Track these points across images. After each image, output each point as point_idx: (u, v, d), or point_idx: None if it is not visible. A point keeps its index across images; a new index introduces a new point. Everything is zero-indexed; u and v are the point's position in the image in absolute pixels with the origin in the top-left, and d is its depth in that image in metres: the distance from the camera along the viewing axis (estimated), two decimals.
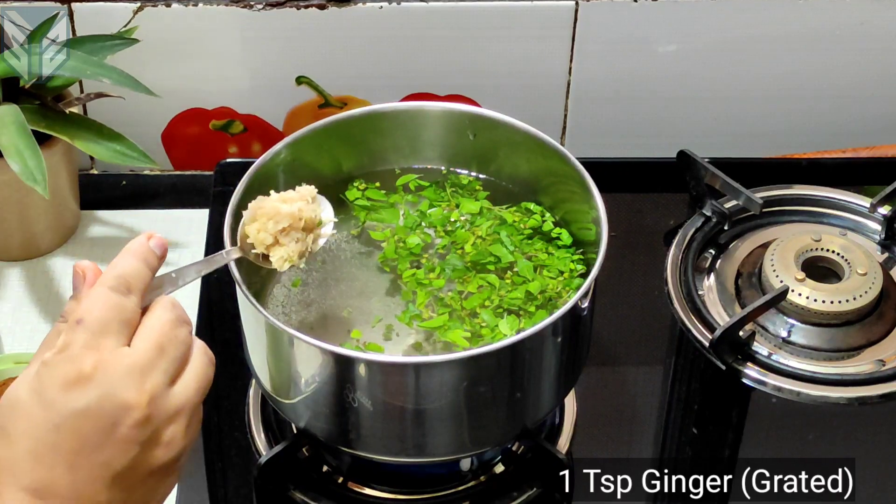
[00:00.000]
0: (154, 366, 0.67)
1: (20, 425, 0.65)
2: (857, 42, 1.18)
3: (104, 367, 0.65)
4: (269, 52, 1.17)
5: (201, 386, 0.69)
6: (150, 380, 0.66)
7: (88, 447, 0.65)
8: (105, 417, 0.65)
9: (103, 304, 0.67)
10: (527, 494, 0.94)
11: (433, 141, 0.99)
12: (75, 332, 0.66)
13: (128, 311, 0.68)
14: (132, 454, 0.66)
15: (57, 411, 0.65)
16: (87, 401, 0.65)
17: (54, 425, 0.64)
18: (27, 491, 0.64)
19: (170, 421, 0.67)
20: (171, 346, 0.68)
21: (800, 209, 1.13)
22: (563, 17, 1.15)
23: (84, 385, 0.65)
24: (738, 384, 1.00)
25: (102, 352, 0.66)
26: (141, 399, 0.66)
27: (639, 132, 1.23)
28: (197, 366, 0.69)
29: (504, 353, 0.83)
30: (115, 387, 0.65)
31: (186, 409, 0.68)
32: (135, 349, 0.67)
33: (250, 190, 0.90)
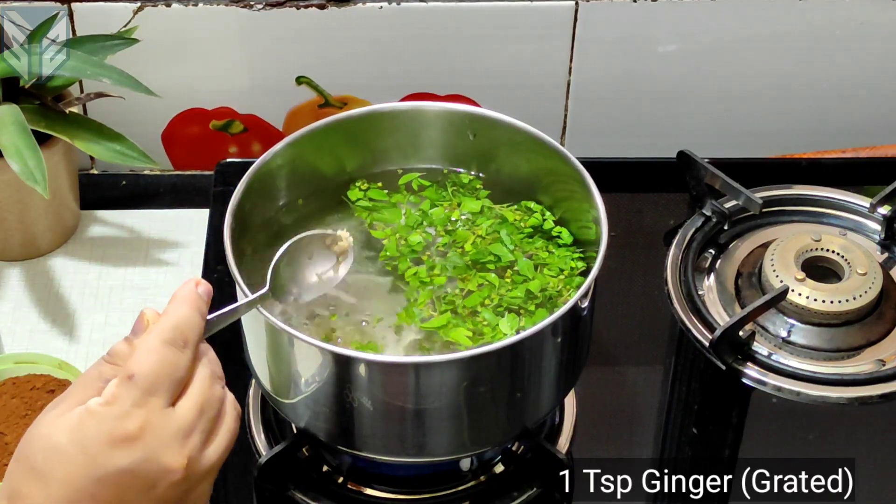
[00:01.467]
0: (194, 428, 0.68)
1: (58, 472, 0.65)
2: (857, 42, 1.18)
3: (151, 430, 0.66)
4: (269, 52, 1.17)
5: (230, 444, 0.71)
6: (190, 442, 0.68)
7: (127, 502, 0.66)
8: (145, 478, 0.66)
9: (157, 362, 0.68)
10: (527, 494, 0.94)
11: (433, 141, 0.99)
12: (126, 387, 0.67)
13: (181, 369, 0.69)
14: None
15: (100, 466, 0.65)
16: (130, 461, 0.66)
17: (96, 478, 0.65)
18: None
19: (201, 480, 0.69)
20: (210, 406, 0.69)
21: (800, 209, 1.13)
22: (563, 17, 1.15)
23: (129, 445, 0.66)
24: (738, 384, 1.00)
25: (150, 412, 0.67)
26: (180, 462, 0.67)
27: (639, 132, 1.23)
28: (228, 424, 0.71)
29: (504, 353, 0.83)
30: (159, 450, 0.66)
31: (216, 468, 0.70)
32: (179, 411, 0.68)
33: (250, 190, 0.91)
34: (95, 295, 1.10)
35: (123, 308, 1.09)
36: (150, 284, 1.11)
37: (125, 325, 1.07)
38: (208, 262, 1.10)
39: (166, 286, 1.11)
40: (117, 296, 1.10)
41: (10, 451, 0.89)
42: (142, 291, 1.10)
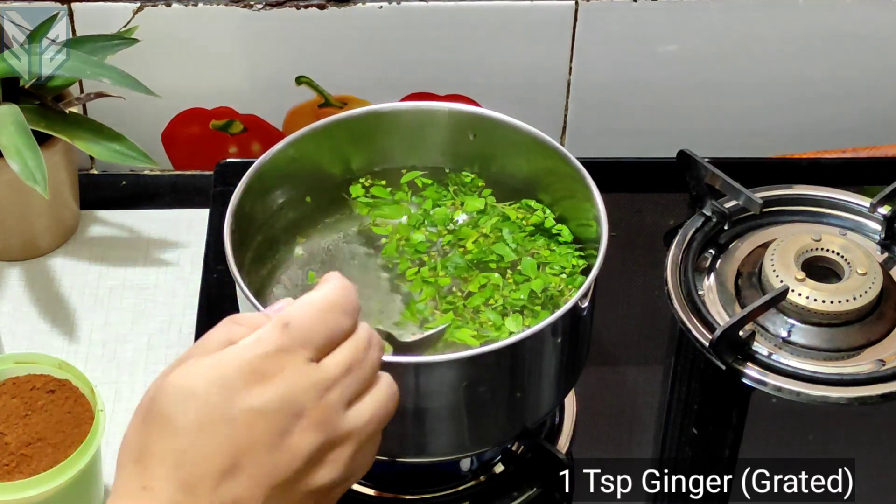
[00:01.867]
0: (337, 383, 0.66)
1: (192, 416, 0.63)
2: (857, 42, 1.18)
3: (290, 374, 0.64)
4: (269, 52, 1.17)
5: (377, 416, 0.68)
6: (330, 396, 0.65)
7: (259, 447, 0.63)
8: (280, 421, 0.63)
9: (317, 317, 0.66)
10: (527, 494, 0.94)
11: (433, 141, 0.99)
12: (278, 332, 0.65)
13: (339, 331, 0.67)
14: (296, 466, 0.64)
15: (237, 404, 0.63)
16: (264, 400, 0.63)
17: (230, 418, 0.63)
18: (182, 485, 0.62)
19: (338, 442, 0.66)
20: (359, 368, 0.67)
21: (800, 209, 1.13)
22: (563, 17, 1.15)
23: (267, 383, 0.63)
24: (738, 384, 1.00)
25: (295, 360, 0.65)
26: (315, 412, 0.64)
27: (639, 132, 1.23)
28: (378, 395, 0.68)
29: (504, 353, 0.83)
30: (296, 394, 0.64)
31: (356, 434, 0.66)
32: (323, 365, 0.66)
33: (250, 190, 0.91)
34: (95, 295, 1.10)
35: (123, 308, 1.09)
36: (150, 284, 1.11)
37: (125, 325, 1.07)
38: (208, 262, 1.10)
39: (166, 286, 1.11)
40: (117, 296, 1.10)
41: (10, 450, 0.89)
42: (142, 291, 1.10)
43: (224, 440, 0.62)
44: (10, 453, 0.89)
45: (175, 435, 0.63)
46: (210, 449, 0.62)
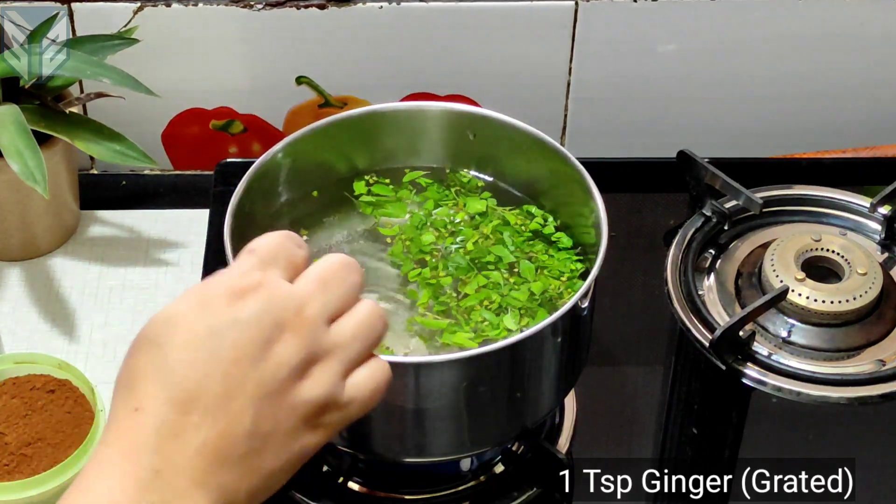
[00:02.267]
0: (314, 298, 0.66)
1: (178, 336, 0.64)
2: (857, 42, 1.18)
3: (268, 286, 0.65)
4: (269, 52, 1.17)
5: (361, 333, 0.67)
6: (309, 309, 0.65)
7: (245, 359, 0.63)
8: (264, 331, 0.63)
9: (276, 242, 0.67)
10: (527, 494, 0.94)
11: (433, 141, 0.99)
12: (245, 257, 0.66)
13: (297, 256, 0.68)
14: (281, 376, 0.63)
15: (219, 319, 0.63)
16: (249, 312, 0.63)
17: (215, 331, 0.63)
18: (172, 403, 0.62)
19: (322, 356, 0.65)
20: (335, 284, 0.67)
21: (800, 209, 1.13)
22: (563, 17, 1.15)
23: (248, 296, 0.64)
24: (738, 384, 1.00)
25: (268, 276, 0.65)
26: (297, 323, 0.64)
27: (639, 132, 1.23)
28: (360, 311, 0.67)
29: (504, 353, 0.83)
30: (276, 305, 0.64)
31: (341, 350, 0.66)
32: (298, 283, 0.66)
33: (250, 190, 0.91)
34: (95, 295, 1.10)
35: (123, 308, 1.09)
36: (150, 284, 1.11)
37: (125, 325, 1.07)
38: (208, 262, 1.10)
39: (166, 286, 1.11)
40: (117, 296, 1.10)
41: (10, 450, 0.89)
42: (142, 291, 1.10)
43: (210, 355, 0.63)
44: (10, 453, 0.89)
45: (162, 356, 0.63)
46: (197, 364, 0.63)
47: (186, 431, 0.62)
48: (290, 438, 0.65)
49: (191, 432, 0.62)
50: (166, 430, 0.62)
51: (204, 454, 0.62)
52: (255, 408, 0.63)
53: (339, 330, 0.66)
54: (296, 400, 0.64)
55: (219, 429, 0.62)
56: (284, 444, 0.64)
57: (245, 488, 0.63)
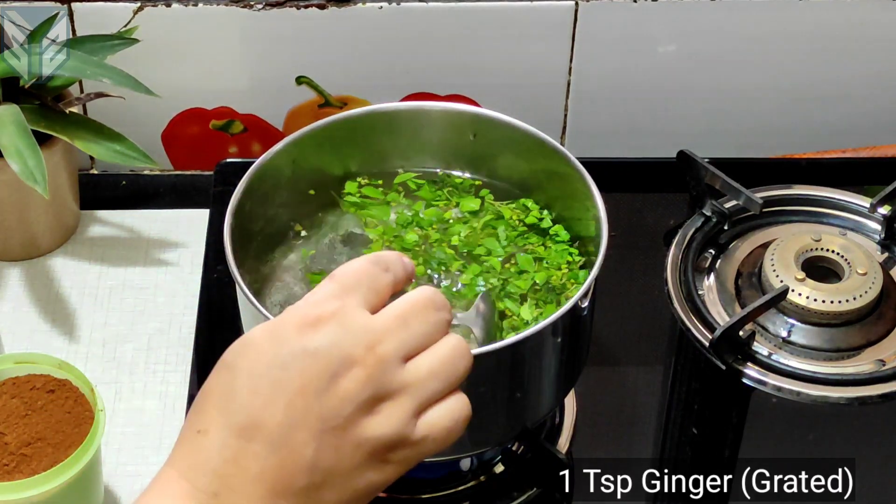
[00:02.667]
0: (391, 334, 0.64)
1: (246, 362, 0.63)
2: (857, 42, 1.18)
3: (342, 317, 0.64)
4: (269, 52, 1.17)
5: (438, 372, 0.65)
6: (383, 345, 0.64)
7: (310, 391, 0.62)
8: (331, 365, 0.63)
9: (359, 268, 0.66)
10: (527, 494, 0.94)
11: (433, 141, 0.99)
12: (326, 284, 0.66)
13: (380, 282, 0.66)
14: (346, 412, 0.63)
15: (288, 348, 0.63)
16: (318, 343, 0.63)
17: (282, 362, 0.63)
18: (234, 429, 0.62)
19: (392, 394, 0.64)
20: (417, 322, 0.65)
21: (800, 209, 1.13)
22: (563, 17, 1.15)
23: (319, 328, 0.63)
24: (738, 384, 1.00)
25: (345, 304, 0.64)
26: (368, 359, 0.63)
27: (639, 132, 1.23)
28: (441, 350, 0.65)
29: (504, 353, 0.83)
30: (347, 339, 0.63)
31: (413, 389, 0.64)
32: (377, 315, 0.65)
33: (250, 190, 0.91)
34: (95, 295, 1.10)
35: (123, 308, 1.09)
36: (150, 284, 1.11)
37: (125, 325, 1.07)
38: (208, 262, 1.10)
39: (166, 286, 1.11)
40: (117, 296, 1.10)
41: (10, 450, 0.89)
42: (142, 291, 1.10)
43: (274, 384, 0.63)
44: (10, 453, 0.89)
45: (230, 381, 0.63)
46: (261, 392, 0.63)
47: (246, 458, 0.62)
48: (354, 474, 0.64)
49: (251, 459, 0.62)
50: (227, 455, 0.62)
51: (263, 482, 0.62)
52: (318, 441, 0.62)
53: (415, 368, 0.65)
54: (361, 437, 0.63)
55: (279, 459, 0.62)
56: (347, 479, 0.64)
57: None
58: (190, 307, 1.08)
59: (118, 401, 1.02)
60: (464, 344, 0.67)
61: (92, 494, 0.92)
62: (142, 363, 1.05)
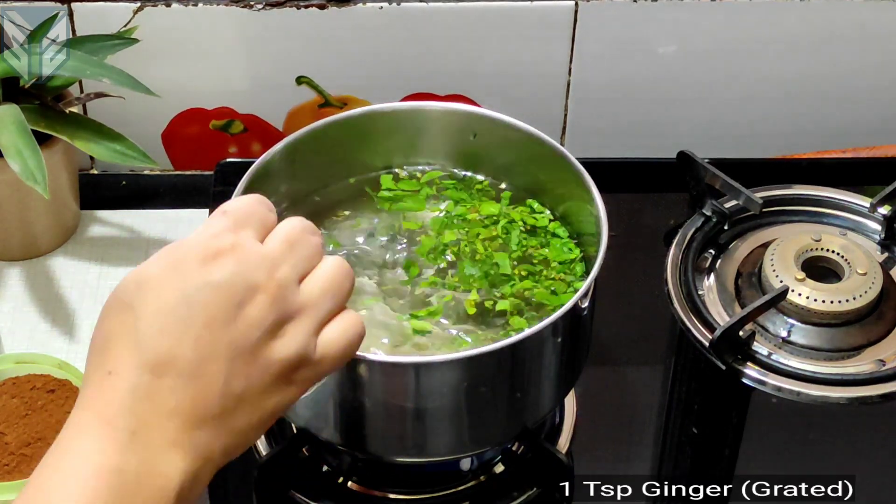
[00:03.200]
0: (284, 259, 0.67)
1: (149, 300, 0.64)
2: (857, 42, 1.18)
3: (241, 248, 0.66)
4: (269, 52, 1.17)
5: (330, 289, 0.68)
6: (280, 271, 0.66)
7: (217, 322, 0.64)
8: (236, 294, 0.65)
9: (249, 204, 0.69)
10: (527, 494, 0.94)
11: (433, 141, 0.99)
12: (218, 218, 0.68)
13: (269, 219, 0.69)
14: (254, 337, 0.65)
15: (191, 283, 0.65)
16: (221, 275, 0.65)
17: (186, 297, 0.64)
18: (145, 367, 0.63)
19: (294, 315, 0.66)
20: (301, 245, 0.68)
21: (800, 209, 1.13)
22: (563, 17, 1.15)
23: (220, 260, 0.65)
24: (738, 384, 1.00)
25: (241, 238, 0.67)
26: (269, 284, 0.66)
27: (639, 132, 1.23)
28: (327, 268, 0.69)
29: (504, 353, 0.83)
30: (249, 268, 0.65)
31: (312, 308, 0.67)
32: (267, 244, 0.68)
33: (250, 190, 0.90)
34: (95, 295, 1.10)
35: None
36: None
37: None
38: None
39: None
40: None
41: (10, 450, 0.89)
42: None
43: (182, 320, 0.64)
44: (10, 453, 0.89)
45: (134, 320, 0.64)
46: (169, 329, 0.64)
47: (160, 394, 0.63)
48: (264, 397, 0.66)
49: (165, 395, 0.63)
50: (140, 393, 0.63)
51: (178, 415, 0.63)
52: (228, 369, 0.64)
53: (309, 288, 0.68)
54: (269, 359, 0.65)
55: (192, 391, 0.64)
56: (258, 402, 0.66)
57: (220, 446, 0.65)
58: None
59: None
60: (345, 263, 0.70)
61: None
62: None
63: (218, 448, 0.65)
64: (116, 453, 0.62)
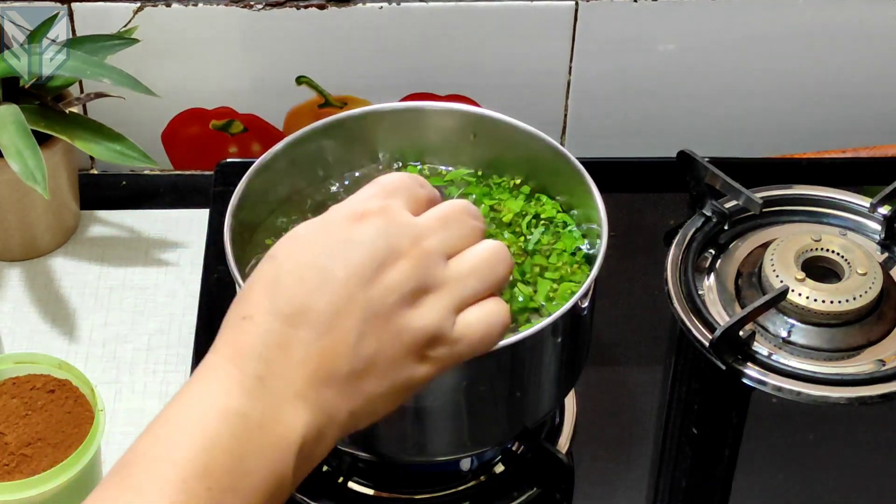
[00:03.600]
0: (434, 232, 0.66)
1: (294, 251, 0.65)
2: (857, 42, 1.18)
3: (388, 213, 0.66)
4: (269, 52, 1.17)
5: (478, 271, 0.67)
6: (427, 241, 0.66)
7: (355, 279, 0.64)
8: (377, 254, 0.64)
9: (400, 178, 0.68)
10: (527, 494, 0.94)
11: (433, 141, 0.99)
12: (369, 187, 0.68)
13: (420, 194, 0.68)
14: (390, 301, 0.64)
15: (335, 238, 0.65)
16: (365, 234, 0.64)
17: (329, 251, 0.64)
18: (279, 315, 0.63)
19: (435, 288, 0.65)
20: (457, 224, 0.67)
21: (800, 209, 1.13)
22: (563, 17, 1.15)
23: (366, 220, 0.65)
24: (738, 384, 1.00)
25: (390, 204, 0.66)
26: (414, 251, 0.65)
27: (639, 132, 1.23)
28: (481, 249, 0.67)
29: (504, 353, 0.83)
30: (394, 231, 0.65)
31: (455, 285, 0.66)
32: (419, 217, 0.67)
33: (250, 190, 0.91)
34: (95, 295, 1.10)
35: (123, 308, 1.09)
36: (150, 284, 1.11)
37: (125, 325, 1.07)
38: (208, 262, 1.10)
39: (166, 286, 1.11)
40: (117, 296, 1.10)
41: (10, 450, 0.89)
42: (142, 291, 1.10)
43: (321, 271, 0.64)
44: (10, 453, 0.89)
45: (276, 269, 0.65)
46: (307, 279, 0.64)
47: (291, 343, 0.63)
48: (395, 365, 0.65)
49: (295, 345, 0.63)
50: (272, 340, 0.63)
51: (307, 367, 0.63)
52: (360, 328, 0.63)
53: (457, 265, 0.67)
54: (402, 327, 0.65)
55: (323, 344, 0.63)
56: (389, 369, 0.65)
57: (346, 408, 0.64)
58: (190, 307, 1.08)
59: (118, 401, 1.02)
60: (504, 248, 0.68)
61: None
62: (142, 363, 1.05)
63: (344, 409, 0.64)
64: (242, 396, 0.62)
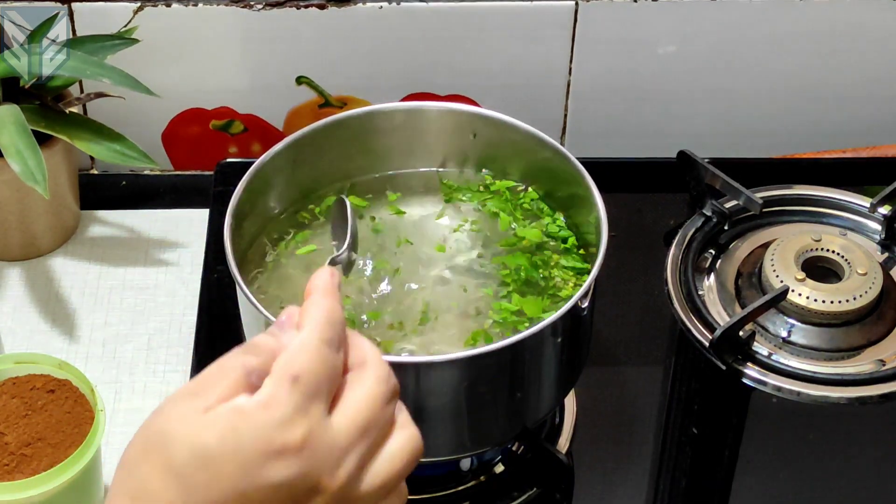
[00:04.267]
0: (353, 449, 0.62)
1: (202, 479, 0.59)
2: (857, 42, 1.18)
3: (311, 443, 0.60)
4: (269, 52, 1.17)
5: (391, 476, 0.63)
6: (345, 465, 0.62)
7: None
8: (295, 496, 0.60)
9: (321, 362, 0.62)
10: (527, 494, 0.94)
11: (433, 141, 0.99)
12: (289, 391, 0.61)
13: (338, 373, 0.63)
14: None
15: (251, 480, 0.59)
16: (285, 475, 0.60)
17: (242, 491, 0.60)
18: None
19: None
20: (375, 429, 0.63)
21: (800, 209, 1.13)
22: (563, 17, 1.15)
23: (287, 458, 0.60)
24: (738, 384, 1.00)
25: (313, 422, 0.61)
26: (332, 485, 0.61)
27: (639, 132, 1.23)
28: (393, 451, 0.64)
29: (504, 353, 0.83)
30: (314, 469, 0.61)
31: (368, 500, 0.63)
32: (338, 426, 0.62)
33: (250, 190, 0.91)
34: (95, 295, 1.10)
35: (123, 308, 1.09)
36: (150, 284, 1.11)
37: (125, 325, 1.07)
38: (208, 262, 1.10)
39: (166, 286, 1.11)
40: (117, 296, 1.10)
41: (9, 450, 0.89)
42: (142, 291, 1.10)
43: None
44: (10, 453, 0.89)
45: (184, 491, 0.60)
46: None
47: None
48: None
49: None
50: None
51: None
52: None
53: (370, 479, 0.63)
54: None
55: None
56: None
57: None
58: (190, 307, 1.08)
59: (118, 401, 1.02)
60: (417, 441, 0.65)
61: (92, 494, 0.92)
62: (142, 363, 1.05)
63: None
64: None
